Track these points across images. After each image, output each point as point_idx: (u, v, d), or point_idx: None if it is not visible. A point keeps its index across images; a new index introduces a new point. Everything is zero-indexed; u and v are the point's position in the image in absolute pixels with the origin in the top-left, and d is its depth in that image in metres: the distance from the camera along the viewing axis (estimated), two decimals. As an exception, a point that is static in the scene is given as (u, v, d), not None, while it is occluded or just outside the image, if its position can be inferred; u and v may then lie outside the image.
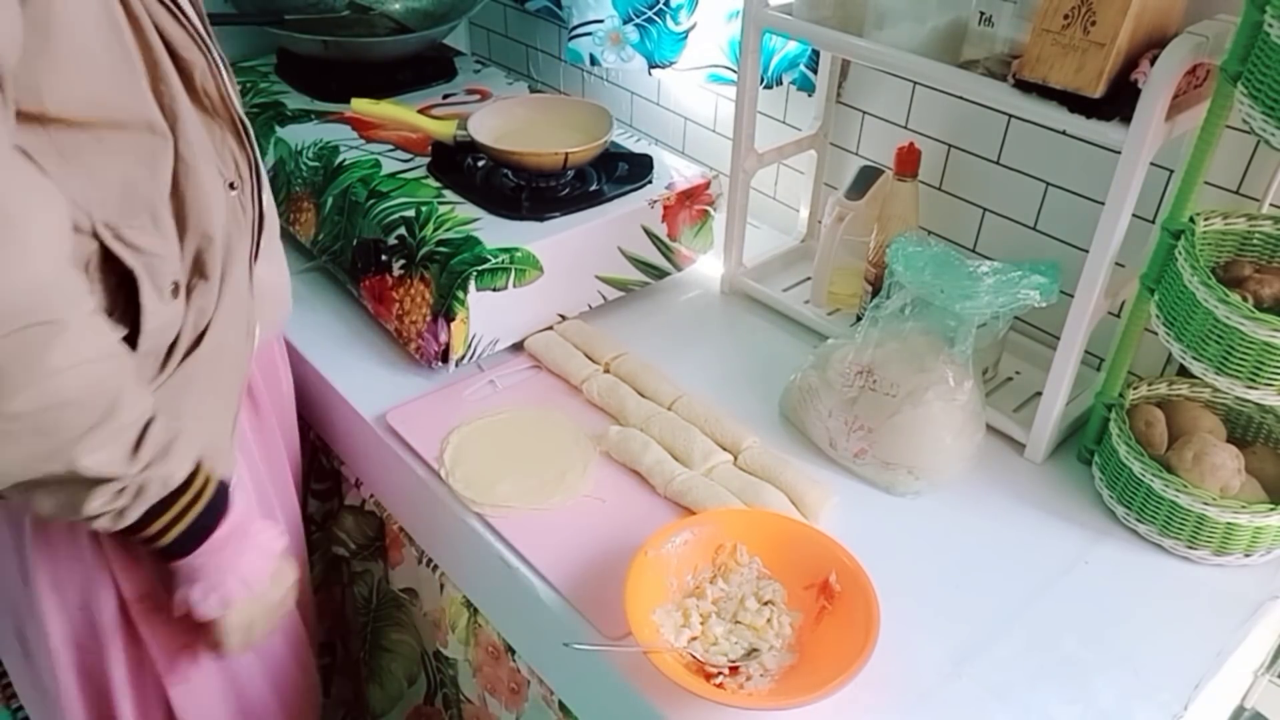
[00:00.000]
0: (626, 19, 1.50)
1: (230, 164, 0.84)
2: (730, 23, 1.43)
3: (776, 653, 0.86)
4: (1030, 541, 1.00)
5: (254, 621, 0.91)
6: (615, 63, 1.54)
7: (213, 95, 0.81)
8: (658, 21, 1.47)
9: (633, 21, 1.49)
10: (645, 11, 1.47)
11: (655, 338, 1.26)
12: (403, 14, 1.64)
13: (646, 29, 1.49)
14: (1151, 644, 0.90)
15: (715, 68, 1.47)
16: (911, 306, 1.02)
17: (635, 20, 1.49)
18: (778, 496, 0.99)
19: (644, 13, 1.48)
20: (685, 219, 1.31)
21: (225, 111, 0.84)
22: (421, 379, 1.18)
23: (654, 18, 1.47)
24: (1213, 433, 1.02)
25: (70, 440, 0.70)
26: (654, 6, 1.46)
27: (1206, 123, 0.90)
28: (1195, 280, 0.89)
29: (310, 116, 1.42)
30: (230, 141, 0.84)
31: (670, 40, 1.48)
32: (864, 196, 1.21)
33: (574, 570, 0.94)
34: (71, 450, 0.70)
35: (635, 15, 1.49)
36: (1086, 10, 0.88)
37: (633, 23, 1.49)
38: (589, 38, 1.53)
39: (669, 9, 1.46)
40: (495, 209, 1.21)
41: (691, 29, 1.47)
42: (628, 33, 1.51)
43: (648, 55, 1.51)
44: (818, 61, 1.33)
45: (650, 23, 1.48)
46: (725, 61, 1.46)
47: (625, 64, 1.54)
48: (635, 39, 1.50)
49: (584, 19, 1.52)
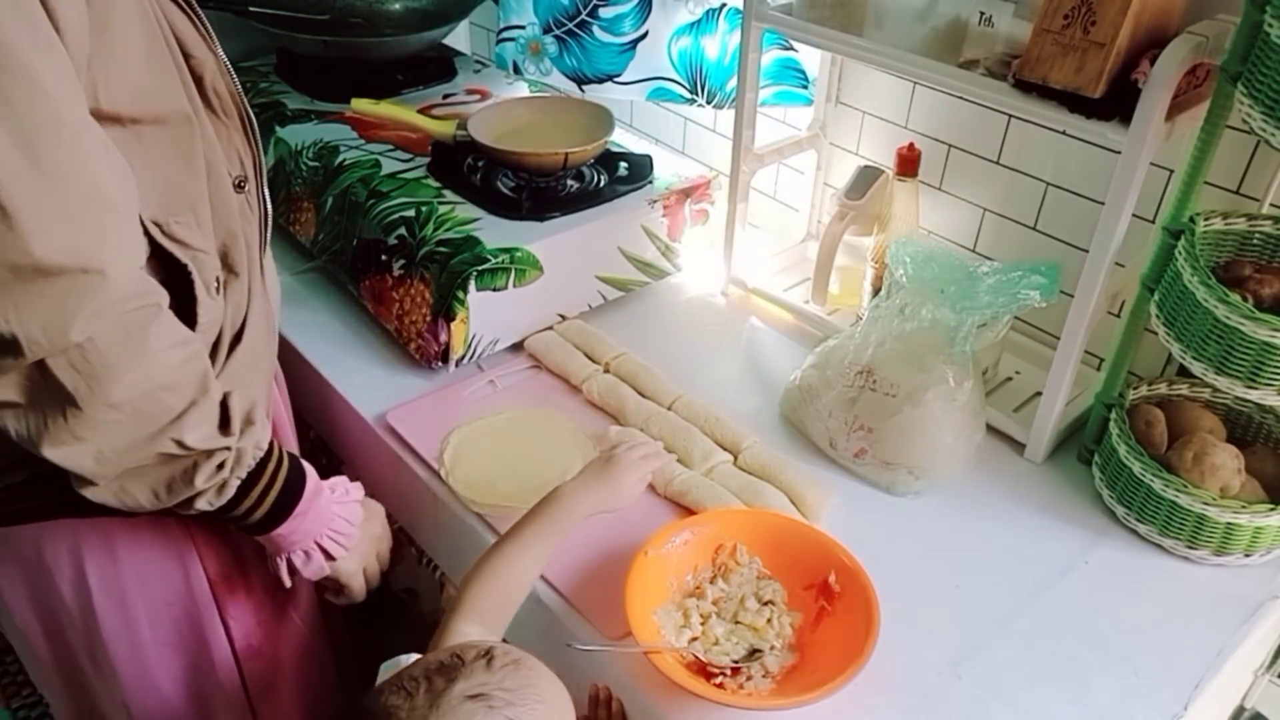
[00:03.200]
0: (545, 29, 1.42)
1: (236, 162, 0.85)
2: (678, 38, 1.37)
3: (777, 653, 0.86)
4: (1030, 541, 1.00)
5: (366, 563, 0.96)
6: (535, 74, 1.47)
7: (223, 94, 0.82)
8: (583, 34, 1.39)
9: (552, 32, 1.41)
10: (566, 22, 1.39)
11: (655, 338, 1.26)
12: (402, 14, 1.64)
13: (568, 42, 1.40)
14: (1151, 644, 0.90)
15: (663, 80, 1.40)
16: (911, 306, 1.01)
17: (555, 31, 1.41)
18: (778, 496, 0.99)
19: (564, 23, 1.39)
20: (685, 219, 1.31)
21: (235, 108, 0.84)
22: (421, 379, 1.18)
23: (576, 30, 1.39)
24: (1213, 433, 1.02)
25: (171, 421, 0.73)
26: (575, 18, 1.38)
27: (1206, 123, 0.90)
28: (1195, 280, 0.89)
29: (310, 116, 1.42)
30: (237, 139, 0.85)
31: (608, 54, 1.41)
32: (864, 196, 1.21)
33: (574, 570, 0.94)
34: (175, 430, 0.74)
35: (555, 25, 1.40)
36: (1086, 10, 0.88)
37: (552, 33, 1.41)
38: (513, 44, 1.48)
39: (598, 20, 1.37)
40: (495, 209, 1.21)
41: (641, 38, 1.39)
42: (546, 44, 1.44)
43: (573, 69, 1.43)
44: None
45: (572, 35, 1.39)
46: (673, 75, 1.40)
47: (544, 76, 1.47)
48: (554, 51, 1.43)
49: (508, 22, 1.46)
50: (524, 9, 1.43)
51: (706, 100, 1.42)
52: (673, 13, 1.37)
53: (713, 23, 1.36)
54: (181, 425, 0.74)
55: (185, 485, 0.77)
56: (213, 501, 0.79)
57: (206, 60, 0.79)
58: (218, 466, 0.78)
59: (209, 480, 0.78)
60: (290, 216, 1.37)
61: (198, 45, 0.79)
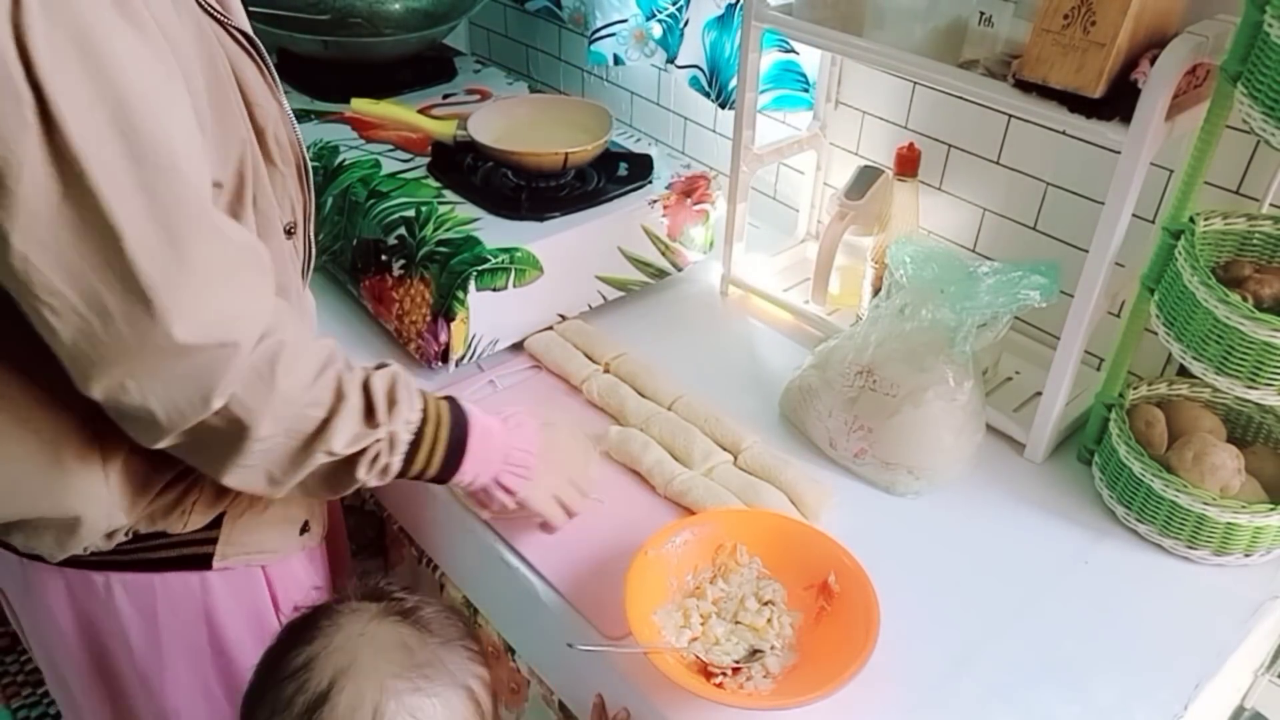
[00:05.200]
0: (650, 15, 1.51)
1: (289, 209, 0.84)
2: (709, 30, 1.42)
3: (777, 653, 0.86)
4: (1030, 541, 1.00)
5: (559, 490, 0.95)
6: (639, 60, 1.55)
7: (284, 143, 0.81)
8: (678, 18, 1.48)
9: (656, 17, 1.50)
10: (668, 7, 1.48)
11: (655, 338, 1.26)
12: (402, 14, 1.64)
13: (670, 24, 1.49)
14: (1151, 644, 0.90)
15: (697, 70, 1.46)
16: (911, 306, 1.01)
17: (658, 16, 1.50)
18: (778, 496, 0.99)
19: (665, 8, 1.49)
20: (685, 219, 1.31)
21: (294, 156, 0.83)
22: (421, 379, 1.18)
23: (675, 14, 1.48)
24: (1213, 433, 1.02)
25: (316, 433, 0.76)
26: (676, 2, 1.47)
27: (1206, 123, 0.90)
28: (1195, 280, 0.89)
29: (310, 116, 1.42)
30: (291, 187, 0.84)
31: (674, 38, 1.49)
32: (864, 196, 1.21)
33: (574, 570, 0.94)
34: (323, 441, 0.76)
35: (658, 11, 1.50)
36: (1086, 10, 0.88)
37: (656, 18, 1.50)
38: (612, 39, 1.54)
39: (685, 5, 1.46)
40: (495, 209, 1.21)
41: (685, 25, 1.46)
42: (651, 29, 1.51)
43: (669, 50, 1.52)
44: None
45: (673, 19, 1.48)
46: (703, 65, 1.45)
47: (648, 59, 1.55)
48: (659, 35, 1.51)
49: (608, 20, 1.53)
50: (625, 4, 1.52)
51: (717, 98, 1.43)
52: (705, 1, 1.42)
53: (732, 19, 1.40)
54: (328, 436, 0.76)
55: (349, 481, 0.81)
56: (380, 480, 0.82)
57: (270, 109, 0.78)
58: (373, 459, 0.80)
59: (369, 471, 0.81)
60: (290, 216, 1.37)
61: (264, 94, 0.78)
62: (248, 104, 0.76)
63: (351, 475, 0.80)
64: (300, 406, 0.75)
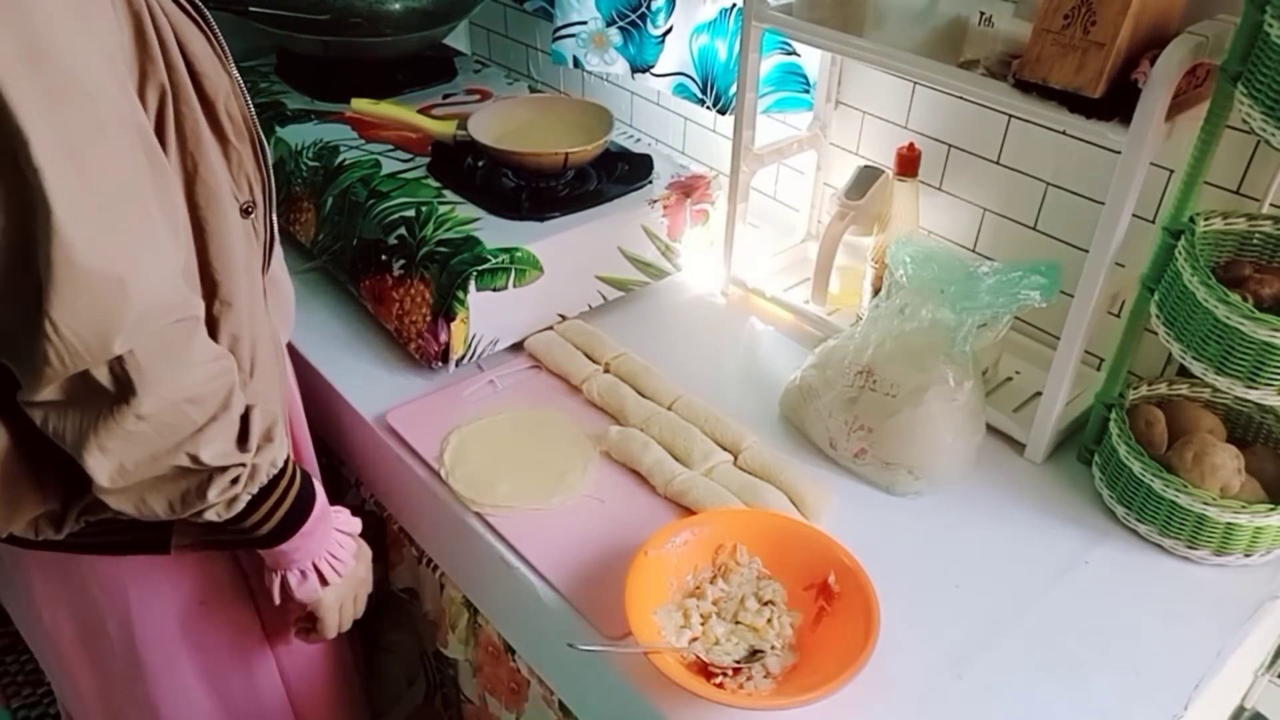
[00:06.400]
0: (610, 21, 1.47)
1: (245, 188, 0.82)
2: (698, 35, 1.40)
3: (777, 653, 0.86)
4: (1030, 541, 1.00)
5: (345, 601, 0.95)
6: (598, 65, 1.51)
7: (236, 117, 0.79)
8: (641, 25, 1.45)
9: (616, 24, 1.46)
10: (629, 14, 1.45)
11: (655, 338, 1.26)
12: (402, 14, 1.64)
13: (630, 32, 1.46)
14: (1151, 644, 0.90)
15: (684, 76, 1.44)
16: (911, 306, 1.01)
17: (619, 23, 1.46)
18: (778, 496, 0.99)
19: (628, 15, 1.45)
20: (685, 219, 1.31)
21: (248, 131, 0.81)
22: (421, 379, 1.18)
23: (637, 21, 1.45)
24: (1213, 433, 1.02)
25: (190, 435, 0.73)
26: (638, 9, 1.44)
27: (1206, 123, 0.90)
28: (1195, 280, 0.89)
29: (310, 116, 1.42)
30: (248, 165, 0.82)
31: (650, 44, 1.46)
32: (864, 196, 1.21)
33: (574, 570, 0.94)
34: (192, 444, 0.74)
35: (619, 17, 1.46)
36: (1086, 10, 0.88)
37: (616, 25, 1.46)
38: (573, 39, 1.51)
39: (650, 12, 1.43)
40: (495, 209, 1.21)
41: (668, 33, 1.44)
42: (611, 35, 1.48)
43: (630, 59, 1.49)
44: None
45: (634, 26, 1.45)
46: (691, 72, 1.43)
47: (608, 67, 1.51)
48: (619, 42, 1.48)
49: (568, 20, 1.50)
50: (585, 4, 1.47)
51: (714, 103, 1.43)
52: (694, 7, 1.40)
53: (724, 23, 1.38)
54: (199, 440, 0.74)
55: (198, 499, 0.77)
56: (221, 514, 0.79)
57: (221, 82, 0.76)
58: (231, 481, 0.78)
59: (221, 494, 0.77)
60: (290, 216, 1.37)
61: (213, 65, 0.75)
62: (194, 74, 0.74)
63: (203, 494, 0.77)
64: (186, 397, 0.72)
